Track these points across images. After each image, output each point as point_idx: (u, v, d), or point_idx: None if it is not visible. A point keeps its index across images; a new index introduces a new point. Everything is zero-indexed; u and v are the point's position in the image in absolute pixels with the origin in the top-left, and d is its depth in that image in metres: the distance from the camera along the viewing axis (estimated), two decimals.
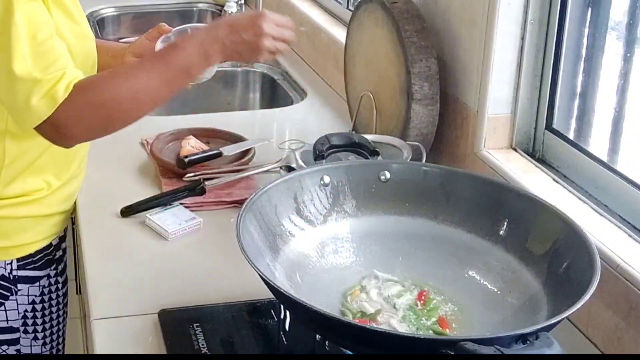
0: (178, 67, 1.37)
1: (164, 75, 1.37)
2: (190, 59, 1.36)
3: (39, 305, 1.57)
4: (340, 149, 1.56)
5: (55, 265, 1.59)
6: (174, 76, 1.38)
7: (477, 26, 1.61)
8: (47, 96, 1.29)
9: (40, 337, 1.60)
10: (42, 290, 1.57)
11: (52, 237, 1.57)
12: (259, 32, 1.37)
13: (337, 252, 1.31)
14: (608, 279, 1.22)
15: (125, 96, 1.35)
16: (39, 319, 1.59)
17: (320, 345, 1.21)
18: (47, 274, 1.57)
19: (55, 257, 1.59)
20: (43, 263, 1.56)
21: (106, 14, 3.05)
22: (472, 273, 1.27)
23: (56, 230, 1.58)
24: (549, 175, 1.53)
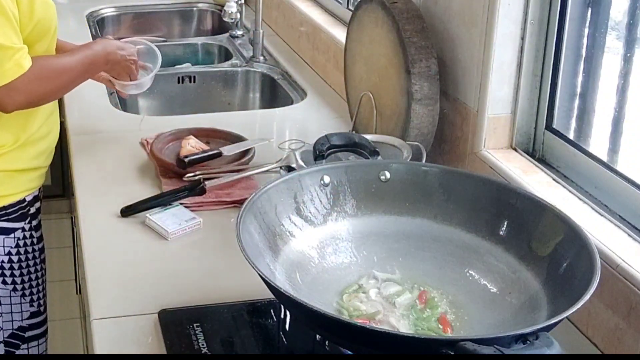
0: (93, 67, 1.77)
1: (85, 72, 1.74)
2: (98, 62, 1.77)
3: (15, 257, 1.71)
4: (340, 149, 1.55)
5: (30, 220, 1.73)
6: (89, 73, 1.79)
7: (477, 26, 1.61)
8: (17, 63, 1.55)
9: (20, 289, 1.74)
10: (17, 242, 1.72)
11: (26, 192, 1.72)
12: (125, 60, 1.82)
13: (337, 252, 1.31)
14: (608, 279, 1.22)
15: (63, 78, 1.68)
16: (16, 270, 1.72)
17: (320, 345, 1.21)
18: (22, 227, 1.72)
19: (30, 212, 1.73)
20: (17, 216, 1.71)
21: (106, 14, 3.05)
22: (472, 273, 1.27)
23: (30, 186, 1.73)
24: (549, 175, 1.53)
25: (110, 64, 1.80)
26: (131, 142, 1.89)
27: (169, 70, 2.57)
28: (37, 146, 1.73)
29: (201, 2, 3.20)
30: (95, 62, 1.76)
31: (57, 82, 1.68)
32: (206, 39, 2.92)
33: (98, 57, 1.77)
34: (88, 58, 1.75)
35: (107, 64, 1.79)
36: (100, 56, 1.78)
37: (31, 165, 1.72)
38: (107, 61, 1.79)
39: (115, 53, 1.79)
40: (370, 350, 1.05)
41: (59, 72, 1.68)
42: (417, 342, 1.02)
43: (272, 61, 2.58)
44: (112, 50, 1.79)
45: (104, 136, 1.92)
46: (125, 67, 1.82)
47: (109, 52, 1.79)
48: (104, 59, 1.78)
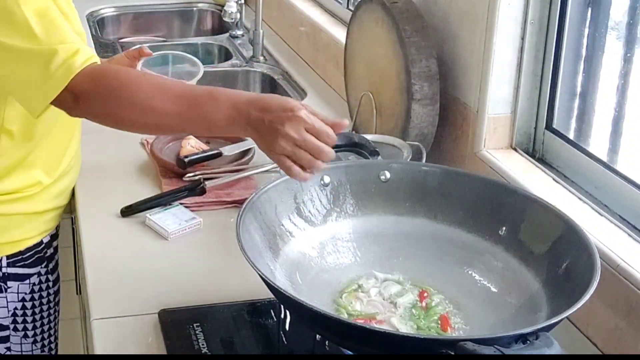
0: (202, 117, 1.23)
1: (185, 114, 1.24)
2: (218, 117, 1.21)
3: (29, 302, 1.59)
4: (340, 149, 1.55)
5: (46, 263, 1.61)
6: (193, 121, 1.26)
7: (477, 26, 1.61)
8: (65, 65, 1.27)
9: (31, 335, 1.62)
10: (32, 287, 1.58)
11: (43, 234, 1.59)
12: (285, 133, 1.15)
13: (337, 252, 1.31)
14: (608, 279, 1.22)
15: (138, 104, 1.26)
16: (29, 317, 1.60)
17: (320, 345, 1.21)
18: (37, 271, 1.59)
19: (46, 255, 1.61)
20: (33, 261, 1.57)
21: (106, 14, 3.05)
22: (472, 273, 1.27)
23: (48, 227, 1.60)
24: (549, 175, 1.53)
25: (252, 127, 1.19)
26: (131, 142, 1.89)
27: None
28: (60, 184, 1.58)
29: (201, 2, 3.20)
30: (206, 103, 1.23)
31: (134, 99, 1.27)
32: (206, 39, 2.92)
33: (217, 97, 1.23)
34: (195, 93, 1.26)
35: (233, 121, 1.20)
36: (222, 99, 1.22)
37: (51, 206, 1.58)
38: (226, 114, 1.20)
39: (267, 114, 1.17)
40: (370, 350, 1.05)
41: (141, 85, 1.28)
42: (417, 342, 1.02)
43: (272, 61, 2.58)
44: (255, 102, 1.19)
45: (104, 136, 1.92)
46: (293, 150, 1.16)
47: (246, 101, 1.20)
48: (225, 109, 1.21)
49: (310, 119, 1.15)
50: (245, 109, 1.18)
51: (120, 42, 2.80)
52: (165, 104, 1.24)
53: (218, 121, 1.21)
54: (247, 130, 1.19)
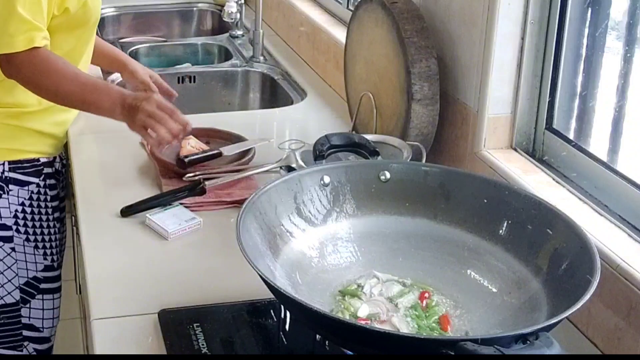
0: (96, 102, 1.69)
1: (85, 98, 1.69)
2: (105, 106, 1.67)
3: (28, 208, 1.82)
4: (340, 149, 1.56)
5: (44, 177, 1.84)
6: (88, 104, 1.71)
7: (477, 26, 1.61)
8: (28, 37, 1.64)
9: (32, 240, 1.83)
10: (31, 195, 1.82)
11: (38, 153, 1.83)
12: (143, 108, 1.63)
13: (337, 252, 1.31)
14: (608, 279, 1.22)
15: (60, 87, 1.69)
16: (29, 221, 1.83)
17: (320, 345, 1.21)
18: (36, 182, 1.83)
19: (44, 171, 1.84)
20: (32, 171, 1.82)
21: (106, 14, 3.04)
22: (472, 273, 1.27)
23: (43, 149, 1.84)
24: (549, 175, 1.53)
25: (126, 110, 1.65)
26: (131, 142, 1.89)
27: (169, 70, 2.57)
28: (57, 115, 1.84)
29: (201, 2, 3.20)
30: (102, 91, 1.70)
31: (48, 82, 1.68)
32: (206, 39, 2.92)
33: (110, 90, 1.71)
34: (98, 84, 1.74)
35: (115, 105, 1.67)
36: (114, 91, 1.70)
37: (49, 130, 1.84)
38: (113, 100, 1.67)
39: (137, 100, 1.65)
40: (370, 350, 1.05)
41: (59, 74, 1.68)
42: (417, 342, 1.02)
43: (272, 61, 2.58)
44: (133, 95, 1.68)
45: (104, 136, 1.92)
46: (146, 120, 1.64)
47: (129, 95, 1.69)
48: (114, 98, 1.67)
49: (159, 98, 1.66)
50: (123, 98, 1.65)
51: (120, 42, 2.80)
52: (73, 91, 1.69)
53: (105, 103, 1.66)
54: (123, 113, 1.65)
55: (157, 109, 1.62)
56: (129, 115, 1.64)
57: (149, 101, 1.62)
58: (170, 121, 1.62)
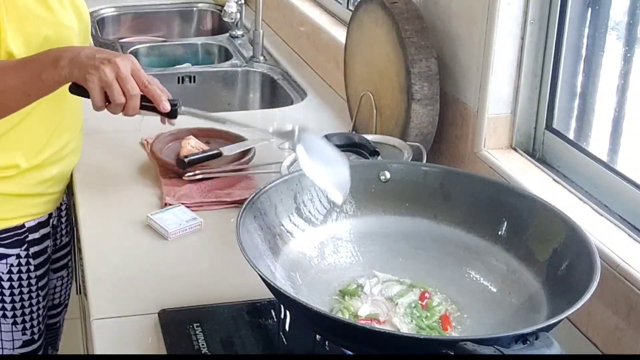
0: (32, 69, 1.34)
1: (21, 77, 1.36)
2: (42, 60, 1.34)
3: (6, 283, 1.59)
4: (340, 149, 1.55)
5: (27, 247, 1.60)
6: (28, 78, 1.35)
7: (477, 26, 1.61)
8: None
9: (10, 317, 1.62)
10: (10, 269, 1.59)
11: (25, 217, 1.59)
12: (111, 59, 1.27)
13: (337, 252, 1.31)
14: (608, 279, 1.22)
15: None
16: (7, 297, 1.60)
17: (320, 345, 1.21)
18: (16, 253, 1.59)
19: (28, 239, 1.60)
20: (11, 242, 1.57)
21: (106, 14, 3.05)
22: (472, 273, 1.27)
23: (31, 212, 1.60)
24: (549, 175, 1.53)
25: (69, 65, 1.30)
26: (131, 142, 1.89)
27: (169, 70, 2.57)
28: (42, 172, 1.58)
29: (201, 2, 3.20)
30: (35, 60, 1.35)
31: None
32: (206, 39, 2.92)
33: (41, 56, 1.36)
34: (26, 59, 1.39)
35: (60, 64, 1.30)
36: (46, 55, 1.34)
37: (34, 192, 1.58)
38: (56, 62, 1.31)
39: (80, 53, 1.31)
40: (370, 350, 1.05)
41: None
42: (417, 342, 1.02)
43: (272, 61, 2.58)
44: (74, 50, 1.33)
45: (104, 136, 1.92)
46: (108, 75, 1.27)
47: (64, 52, 1.33)
48: (52, 58, 1.32)
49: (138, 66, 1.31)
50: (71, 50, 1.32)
51: (120, 42, 2.80)
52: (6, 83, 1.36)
53: (45, 66, 1.32)
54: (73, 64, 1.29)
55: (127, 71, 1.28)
56: (80, 65, 1.29)
57: (128, 59, 1.30)
58: (132, 87, 1.28)
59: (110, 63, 1.26)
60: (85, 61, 1.28)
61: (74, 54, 1.30)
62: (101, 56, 1.28)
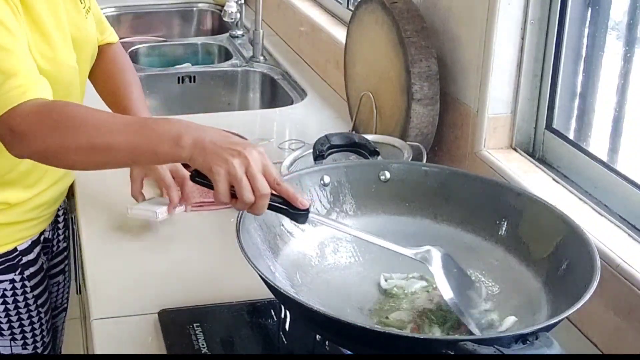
0: (147, 140, 1.16)
1: (131, 142, 1.17)
2: (160, 133, 1.15)
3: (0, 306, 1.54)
4: (340, 149, 1.55)
5: (21, 270, 1.54)
6: (140, 147, 1.16)
7: (477, 26, 1.61)
8: (19, 87, 1.22)
9: (7, 335, 1.57)
10: (4, 293, 1.53)
11: (17, 242, 1.53)
12: (241, 152, 1.10)
13: (337, 252, 1.31)
14: (608, 279, 1.22)
15: (81, 141, 1.18)
16: (3, 318, 1.55)
17: (320, 345, 1.21)
18: (10, 278, 1.53)
19: (21, 262, 1.54)
20: (3, 268, 1.51)
21: (106, 14, 3.01)
22: (472, 273, 1.27)
23: (23, 235, 1.54)
24: (549, 175, 1.53)
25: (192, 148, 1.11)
26: None
27: (169, 70, 2.57)
28: (36, 200, 1.52)
29: (201, 2, 3.20)
30: (153, 130, 1.15)
31: (76, 139, 1.17)
32: (206, 39, 2.92)
33: (162, 127, 1.15)
34: (141, 120, 1.26)
35: (181, 143, 1.11)
36: (167, 128, 1.14)
37: (25, 218, 1.52)
38: (178, 140, 1.12)
39: (205, 136, 1.11)
40: (370, 350, 1.05)
41: (81, 123, 1.18)
42: (417, 342, 1.02)
43: (272, 61, 2.58)
44: (198, 130, 1.13)
45: None
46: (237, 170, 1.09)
47: (188, 130, 1.13)
48: (173, 135, 1.13)
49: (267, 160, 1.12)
50: (195, 128, 1.14)
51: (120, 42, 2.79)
52: (108, 140, 1.17)
53: (163, 140, 1.14)
54: (196, 147, 1.11)
55: (258, 166, 1.10)
56: (205, 152, 1.10)
57: (259, 152, 1.11)
58: (262, 185, 1.10)
59: (240, 156, 1.09)
60: (211, 148, 1.10)
61: (198, 135, 1.11)
62: (230, 146, 1.10)
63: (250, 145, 1.12)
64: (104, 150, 1.17)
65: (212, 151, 1.10)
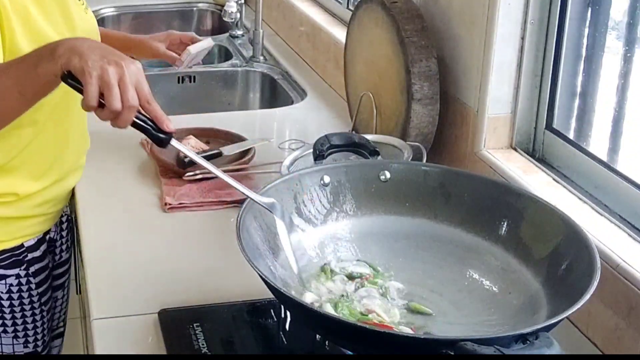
0: (28, 64, 1.20)
1: (15, 73, 1.22)
2: (39, 52, 1.20)
3: (5, 302, 1.56)
4: (340, 149, 1.55)
5: (26, 266, 1.56)
6: (22, 72, 1.21)
7: (477, 26, 1.61)
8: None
9: (11, 332, 1.59)
10: (10, 288, 1.56)
11: (24, 238, 1.55)
12: (118, 61, 1.13)
13: (337, 252, 1.31)
14: (608, 279, 1.22)
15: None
16: (8, 314, 1.57)
17: (320, 345, 1.21)
18: (15, 273, 1.55)
19: (26, 259, 1.56)
20: (9, 263, 1.54)
21: (106, 14, 3.05)
22: (472, 273, 1.27)
23: (29, 232, 1.56)
24: (549, 175, 1.53)
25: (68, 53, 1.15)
26: (131, 142, 1.89)
27: (169, 70, 2.57)
28: (44, 194, 1.55)
29: (201, 2, 3.20)
30: (32, 54, 1.22)
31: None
32: None
33: (40, 48, 1.21)
34: (24, 56, 1.27)
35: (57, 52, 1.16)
36: (44, 47, 1.20)
37: (33, 213, 1.55)
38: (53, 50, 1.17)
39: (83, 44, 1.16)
40: (370, 350, 1.05)
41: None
42: (417, 342, 1.02)
43: (272, 61, 2.58)
44: (77, 41, 1.18)
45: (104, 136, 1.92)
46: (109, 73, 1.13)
47: (66, 42, 1.18)
48: (52, 45, 1.18)
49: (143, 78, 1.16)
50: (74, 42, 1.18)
51: None
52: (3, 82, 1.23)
53: (42, 56, 1.18)
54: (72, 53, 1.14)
55: (132, 79, 1.15)
56: (81, 55, 1.14)
57: (137, 67, 1.16)
58: (132, 96, 1.14)
59: (116, 65, 1.12)
60: (87, 53, 1.13)
61: (75, 43, 1.16)
62: (108, 55, 1.14)
63: (129, 59, 1.15)
64: None
65: (88, 56, 1.12)
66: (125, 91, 1.13)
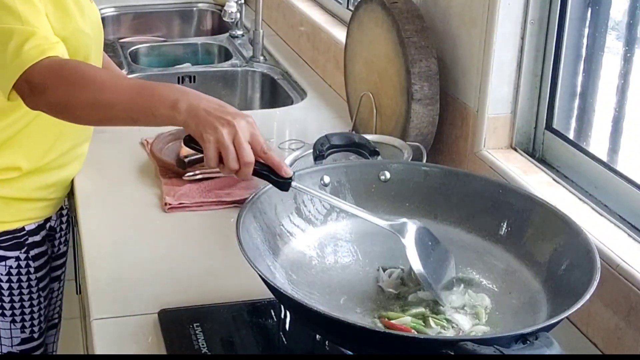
0: (146, 102, 1.24)
1: (132, 102, 1.25)
2: (159, 96, 1.22)
3: (5, 284, 1.61)
4: (340, 149, 1.55)
5: (27, 249, 1.62)
6: (138, 112, 1.25)
7: (477, 26, 1.61)
8: (38, 47, 1.33)
9: (9, 315, 1.64)
10: (9, 270, 1.61)
11: (25, 221, 1.61)
12: (230, 121, 1.17)
13: (337, 252, 1.31)
14: (608, 279, 1.22)
15: (88, 96, 1.27)
16: (6, 297, 1.62)
17: (320, 345, 1.21)
18: (15, 255, 1.61)
19: (27, 242, 1.62)
20: (10, 245, 1.60)
21: (106, 14, 3.05)
22: (472, 273, 1.27)
23: (32, 215, 1.62)
24: (549, 175, 1.53)
25: (186, 114, 1.18)
26: (131, 142, 1.89)
27: (169, 70, 2.57)
28: (44, 177, 1.60)
29: (201, 2, 3.20)
30: (153, 93, 1.23)
31: (84, 95, 1.26)
32: (206, 39, 2.92)
33: (161, 91, 1.23)
34: (146, 84, 1.31)
35: (177, 108, 1.19)
36: (166, 93, 1.22)
37: (35, 196, 1.61)
38: (174, 104, 1.19)
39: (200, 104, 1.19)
40: (370, 350, 1.05)
41: (89, 80, 1.28)
42: (417, 342, 1.02)
43: (272, 61, 2.58)
44: (194, 97, 1.20)
45: (104, 136, 1.92)
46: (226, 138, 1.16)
47: (185, 97, 1.20)
48: (171, 99, 1.20)
49: (257, 130, 1.20)
50: (192, 96, 1.21)
51: (120, 42, 2.80)
52: (110, 99, 1.26)
53: (161, 105, 1.21)
54: (190, 114, 1.19)
55: (245, 136, 1.18)
56: (198, 119, 1.18)
57: (248, 122, 1.19)
58: (247, 154, 1.17)
59: (229, 125, 1.16)
60: (203, 116, 1.17)
61: (194, 102, 1.19)
62: (221, 115, 1.17)
63: (241, 114, 1.19)
64: (105, 107, 1.26)
65: (204, 119, 1.17)
66: (240, 150, 1.17)
